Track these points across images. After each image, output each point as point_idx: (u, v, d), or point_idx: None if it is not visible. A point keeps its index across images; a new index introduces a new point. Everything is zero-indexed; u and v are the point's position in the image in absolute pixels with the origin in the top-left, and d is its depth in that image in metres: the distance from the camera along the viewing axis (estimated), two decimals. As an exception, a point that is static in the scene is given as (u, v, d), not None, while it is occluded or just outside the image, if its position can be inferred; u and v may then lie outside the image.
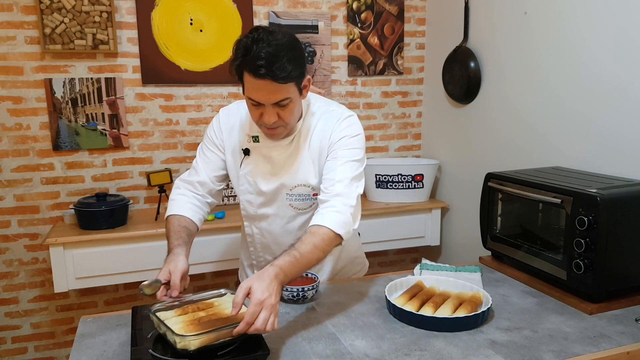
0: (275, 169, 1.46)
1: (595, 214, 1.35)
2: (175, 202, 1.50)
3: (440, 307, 1.33)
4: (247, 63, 1.24)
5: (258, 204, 1.51)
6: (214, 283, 2.81)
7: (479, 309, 1.32)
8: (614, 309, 1.40)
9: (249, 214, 1.54)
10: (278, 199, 1.49)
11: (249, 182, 1.49)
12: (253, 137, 1.45)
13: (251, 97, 1.29)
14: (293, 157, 1.45)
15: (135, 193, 2.59)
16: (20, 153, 2.40)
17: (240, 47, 1.26)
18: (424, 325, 1.27)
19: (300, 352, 1.18)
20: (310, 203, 1.49)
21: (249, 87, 1.28)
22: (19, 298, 2.52)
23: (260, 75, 1.22)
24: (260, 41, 1.23)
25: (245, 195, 1.51)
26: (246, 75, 1.26)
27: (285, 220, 1.51)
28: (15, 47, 2.31)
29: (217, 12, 2.56)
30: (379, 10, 2.84)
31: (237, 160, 1.50)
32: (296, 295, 1.41)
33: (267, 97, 1.27)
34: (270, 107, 1.29)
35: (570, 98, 1.94)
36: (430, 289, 1.44)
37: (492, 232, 1.79)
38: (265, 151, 1.45)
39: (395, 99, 2.99)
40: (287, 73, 1.23)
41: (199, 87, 2.60)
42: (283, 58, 1.23)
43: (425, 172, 2.74)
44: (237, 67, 1.28)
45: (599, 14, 1.80)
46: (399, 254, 3.18)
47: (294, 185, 1.46)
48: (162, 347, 1.12)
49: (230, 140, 1.50)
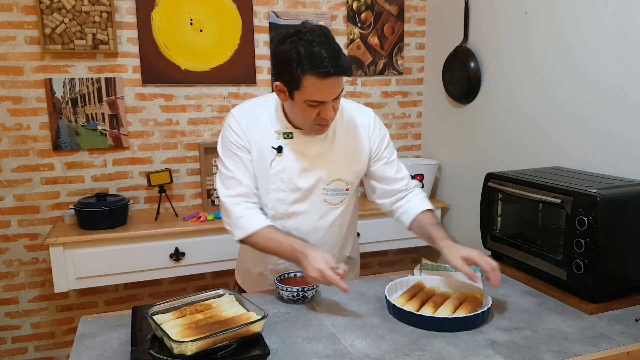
0: (312, 165, 1.46)
1: (595, 214, 1.35)
2: (250, 217, 1.43)
3: (440, 307, 1.33)
4: (314, 66, 1.24)
5: (291, 201, 1.48)
6: (214, 283, 2.81)
7: (479, 309, 1.31)
8: (614, 309, 1.40)
9: (278, 213, 1.49)
10: (313, 195, 1.48)
11: (282, 180, 1.46)
12: (285, 133, 1.44)
13: (316, 98, 1.30)
14: (328, 152, 1.47)
15: (135, 193, 2.59)
16: (20, 153, 2.40)
17: (296, 53, 1.25)
18: (423, 325, 1.27)
19: (300, 352, 1.18)
20: (342, 198, 1.52)
21: (313, 90, 1.28)
22: (19, 298, 2.52)
23: (330, 74, 1.25)
24: (314, 42, 1.25)
25: (277, 193, 1.47)
26: (310, 79, 1.26)
27: (317, 216, 1.51)
28: (15, 47, 2.32)
29: (217, 12, 2.56)
30: (379, 10, 2.84)
31: (264, 159, 1.45)
32: (296, 296, 1.41)
33: (332, 93, 1.30)
34: (330, 103, 1.33)
35: (570, 98, 1.94)
36: (431, 289, 1.44)
37: (492, 232, 1.79)
38: (300, 147, 1.45)
39: (395, 99, 2.99)
40: (350, 65, 1.30)
41: (199, 87, 2.60)
42: (340, 52, 1.28)
43: (425, 172, 2.74)
44: (298, 74, 1.27)
45: (599, 14, 1.80)
46: (399, 254, 3.18)
47: (330, 179, 1.48)
48: (162, 346, 1.12)
49: (254, 137, 1.45)
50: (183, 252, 2.35)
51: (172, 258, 2.34)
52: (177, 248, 2.34)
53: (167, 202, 2.57)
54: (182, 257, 2.35)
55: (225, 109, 2.66)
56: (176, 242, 2.34)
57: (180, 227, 2.35)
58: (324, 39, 1.26)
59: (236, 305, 1.26)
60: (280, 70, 1.31)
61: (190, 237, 2.36)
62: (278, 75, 1.33)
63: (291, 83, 1.30)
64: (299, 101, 1.32)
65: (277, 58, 1.31)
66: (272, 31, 2.66)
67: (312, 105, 1.32)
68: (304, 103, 1.32)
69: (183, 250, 2.35)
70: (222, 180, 1.47)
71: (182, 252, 2.35)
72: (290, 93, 1.32)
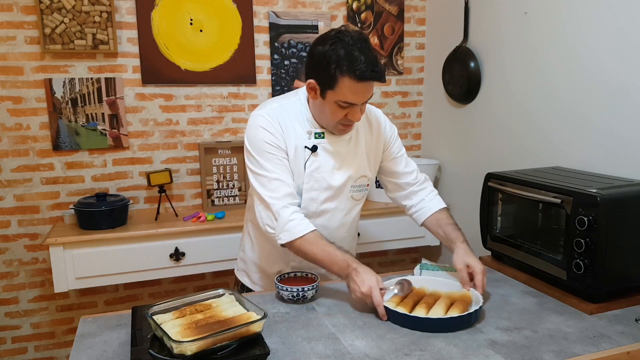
0: (342, 162, 1.52)
1: (595, 214, 1.35)
2: (297, 221, 1.41)
3: (432, 307, 1.33)
4: (352, 69, 1.29)
5: (322, 200, 1.52)
6: (214, 283, 2.81)
7: (470, 308, 1.32)
8: (614, 309, 1.40)
9: (309, 212, 1.51)
10: (343, 192, 1.54)
11: (316, 179, 1.49)
12: (317, 133, 1.48)
13: (348, 100, 1.35)
14: (354, 150, 1.54)
15: (135, 193, 2.59)
16: (20, 153, 2.40)
17: (335, 55, 1.30)
18: (418, 326, 1.27)
19: (300, 352, 1.18)
20: (364, 193, 1.62)
21: (347, 91, 1.33)
22: (19, 298, 2.52)
23: (366, 78, 1.30)
24: (355, 46, 1.30)
25: (310, 192, 1.50)
26: (346, 81, 1.31)
27: (344, 212, 1.58)
28: (15, 47, 2.32)
29: (217, 12, 2.56)
30: (379, 10, 2.84)
31: (299, 159, 1.47)
32: (296, 296, 1.41)
33: (364, 97, 1.36)
34: (359, 106, 1.38)
35: (570, 98, 1.94)
36: (420, 290, 1.44)
37: (492, 232, 1.79)
38: (331, 146, 1.50)
39: (395, 99, 2.99)
40: (384, 71, 1.36)
41: (199, 87, 2.60)
42: (377, 58, 1.33)
43: (425, 172, 2.69)
44: (335, 75, 1.31)
45: (599, 14, 1.80)
46: (399, 254, 3.18)
47: (358, 176, 1.56)
48: (162, 346, 1.12)
49: (289, 138, 1.46)
50: (183, 252, 2.35)
51: (172, 258, 2.34)
52: (177, 248, 2.34)
53: (167, 202, 2.57)
54: (182, 257, 2.35)
55: (225, 109, 2.66)
56: (176, 242, 2.34)
57: (180, 227, 2.35)
58: (364, 44, 1.32)
59: (236, 305, 1.26)
60: (317, 69, 1.35)
61: (190, 237, 2.36)
62: (314, 73, 1.37)
63: (326, 82, 1.34)
64: (330, 101, 1.37)
65: (316, 57, 1.35)
66: (272, 31, 2.66)
67: (342, 106, 1.37)
68: (334, 103, 1.37)
69: (183, 250, 2.35)
70: (263, 183, 1.44)
71: (182, 252, 2.35)
72: (323, 92, 1.37)
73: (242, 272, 1.76)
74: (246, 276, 1.74)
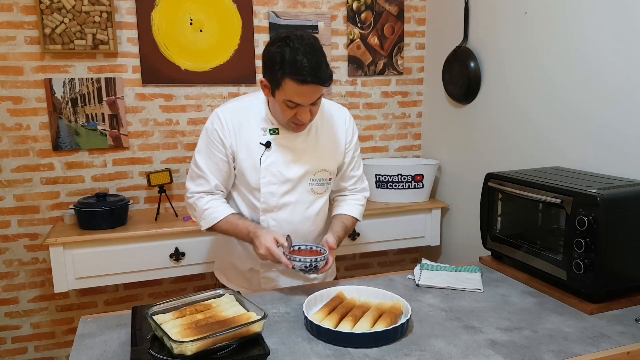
0: (299, 157, 1.57)
1: (595, 214, 1.35)
2: (213, 208, 1.57)
3: (359, 320, 1.27)
4: (293, 72, 1.34)
5: (281, 193, 1.57)
6: (213, 283, 2.80)
7: (398, 320, 1.26)
8: (613, 309, 1.40)
9: (270, 206, 1.58)
10: (301, 185, 1.59)
11: (273, 173, 1.55)
12: (271, 130, 1.54)
13: (293, 100, 1.40)
14: (313, 144, 1.59)
15: (135, 193, 2.59)
16: (20, 153, 2.40)
17: (280, 57, 1.35)
18: (342, 342, 1.20)
19: (300, 352, 1.18)
20: (326, 187, 1.66)
21: (291, 93, 1.38)
22: (19, 298, 2.52)
23: (307, 82, 1.34)
24: (299, 50, 1.34)
25: (268, 187, 1.56)
26: (289, 83, 1.37)
27: (306, 205, 1.62)
28: (15, 47, 2.32)
29: (217, 12, 2.56)
30: (379, 11, 2.84)
31: (254, 155, 1.55)
32: (309, 266, 1.43)
33: (309, 98, 1.40)
34: (307, 107, 1.43)
35: (570, 98, 1.94)
36: (351, 301, 1.38)
37: (492, 232, 1.79)
38: (286, 141, 1.55)
39: (395, 99, 2.99)
40: (329, 76, 1.38)
41: (199, 87, 2.61)
42: (322, 63, 1.37)
43: (425, 172, 2.74)
44: (279, 77, 1.37)
45: (599, 14, 1.80)
46: (399, 254, 3.18)
47: (317, 170, 1.60)
48: (162, 346, 1.12)
49: (241, 137, 1.54)
50: (183, 252, 2.35)
51: (172, 258, 2.34)
52: (177, 248, 2.34)
53: (167, 202, 2.57)
54: (182, 257, 2.35)
55: (225, 109, 2.66)
56: (176, 242, 2.34)
57: (180, 227, 2.35)
58: (309, 48, 1.36)
59: (236, 305, 1.26)
60: (266, 68, 1.42)
61: (190, 237, 2.36)
62: (264, 72, 1.44)
63: (273, 82, 1.41)
64: (279, 99, 1.43)
65: (265, 57, 1.43)
66: (272, 31, 2.66)
67: (289, 106, 1.42)
68: (282, 102, 1.42)
69: (183, 250, 2.35)
70: (192, 177, 1.61)
71: (182, 252, 2.35)
72: (272, 91, 1.43)
73: (219, 270, 1.82)
74: (222, 274, 1.79)
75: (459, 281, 1.59)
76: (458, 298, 1.49)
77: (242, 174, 1.56)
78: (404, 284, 1.60)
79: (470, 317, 1.36)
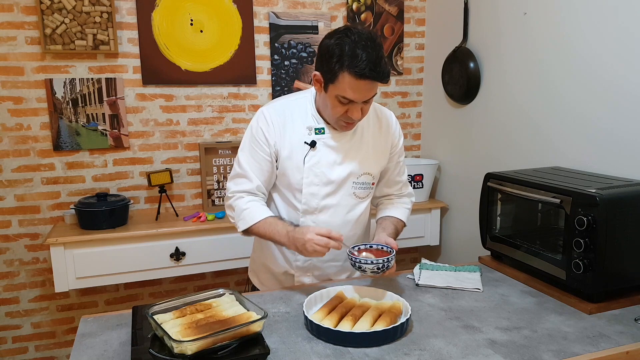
0: (342, 158, 1.52)
1: (594, 214, 1.35)
2: (253, 209, 1.50)
3: (359, 320, 1.26)
4: (352, 66, 1.30)
5: (323, 195, 1.53)
6: (214, 283, 2.81)
7: (398, 320, 1.26)
8: (613, 309, 1.40)
9: (311, 208, 1.54)
10: (344, 188, 1.55)
11: (316, 174, 1.51)
12: (317, 129, 1.50)
13: (347, 96, 1.35)
14: (358, 146, 1.54)
15: (136, 193, 2.60)
16: (20, 153, 2.40)
17: (339, 49, 1.31)
18: (342, 341, 1.20)
19: (300, 351, 1.18)
20: (369, 192, 1.61)
21: (346, 88, 1.34)
22: (19, 298, 2.53)
23: (366, 76, 1.30)
24: (359, 43, 1.30)
25: (310, 187, 1.52)
26: (346, 76, 1.32)
27: (347, 209, 1.57)
28: (15, 47, 2.32)
29: (218, 13, 2.56)
30: (379, 11, 2.84)
31: (298, 155, 1.50)
32: (382, 267, 1.38)
33: (364, 95, 1.36)
34: (359, 104, 1.38)
35: (570, 98, 1.95)
36: (350, 301, 1.38)
37: (491, 232, 1.79)
38: (331, 141, 1.51)
39: (395, 99, 2.99)
40: (387, 73, 1.34)
41: (199, 87, 2.61)
42: (382, 58, 1.33)
43: (425, 172, 2.74)
44: (336, 70, 1.33)
45: (599, 14, 1.80)
46: (399, 254, 3.15)
47: (360, 173, 1.55)
48: (162, 346, 1.12)
49: (286, 135, 1.50)
50: (183, 252, 2.35)
51: (172, 258, 2.35)
52: (178, 248, 2.35)
53: (168, 202, 2.58)
54: (182, 257, 2.36)
55: (225, 109, 2.67)
56: (176, 242, 2.35)
57: (181, 227, 2.35)
58: (370, 42, 1.31)
59: (236, 305, 1.26)
60: (322, 61, 1.37)
61: (191, 237, 2.37)
62: (319, 66, 1.40)
63: (328, 76, 1.36)
64: (332, 95, 1.38)
65: (321, 50, 1.38)
66: (272, 32, 2.67)
67: (341, 102, 1.38)
68: (335, 98, 1.38)
69: (183, 250, 2.36)
70: (233, 176, 1.55)
71: (183, 252, 2.35)
72: (325, 85, 1.39)
73: (253, 272, 1.77)
74: (255, 276, 1.74)
75: (458, 281, 1.59)
76: (457, 298, 1.49)
77: (283, 173, 1.52)
78: (403, 283, 1.61)
79: (469, 317, 1.36)
